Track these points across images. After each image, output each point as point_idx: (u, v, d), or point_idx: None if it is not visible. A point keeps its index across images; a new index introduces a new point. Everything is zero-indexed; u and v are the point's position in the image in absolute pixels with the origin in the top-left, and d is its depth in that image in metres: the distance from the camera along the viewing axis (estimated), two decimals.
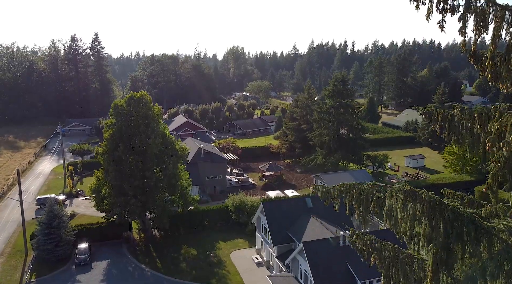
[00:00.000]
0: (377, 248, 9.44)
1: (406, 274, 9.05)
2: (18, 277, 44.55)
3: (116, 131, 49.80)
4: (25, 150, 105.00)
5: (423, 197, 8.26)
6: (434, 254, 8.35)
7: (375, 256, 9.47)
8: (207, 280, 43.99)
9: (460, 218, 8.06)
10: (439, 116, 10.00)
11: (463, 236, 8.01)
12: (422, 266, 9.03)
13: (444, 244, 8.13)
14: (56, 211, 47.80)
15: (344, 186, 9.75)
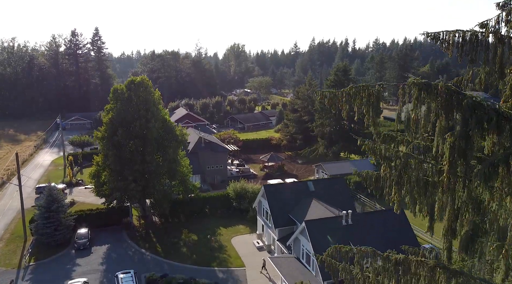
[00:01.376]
0: (388, 157, 8.95)
1: (419, 181, 8.57)
2: (17, 261, 44.12)
3: (116, 115, 49.30)
4: (25, 142, 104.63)
5: (439, 88, 7.74)
6: (451, 144, 7.85)
7: (385, 166, 8.98)
8: (208, 264, 43.52)
9: (480, 107, 7.56)
10: None
11: (483, 123, 7.50)
12: (436, 169, 8.54)
13: (462, 133, 7.63)
14: (55, 195, 47.35)
15: (353, 88, 9.25)
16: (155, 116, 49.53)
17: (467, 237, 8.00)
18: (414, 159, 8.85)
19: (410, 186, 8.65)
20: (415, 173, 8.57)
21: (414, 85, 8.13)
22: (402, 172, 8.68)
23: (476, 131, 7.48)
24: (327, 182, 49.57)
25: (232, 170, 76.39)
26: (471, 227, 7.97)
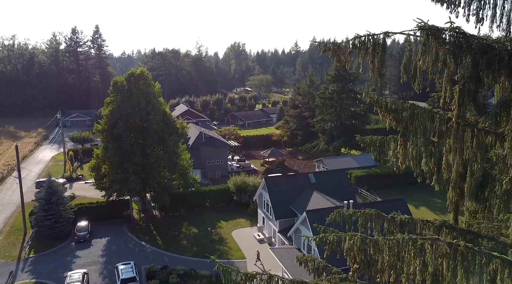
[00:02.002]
0: (394, 109, 8.69)
1: (426, 131, 8.30)
2: (16, 253, 43.92)
3: (116, 108, 49.16)
4: (25, 139, 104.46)
5: (448, 30, 7.47)
6: (460, 86, 7.58)
7: (391, 118, 8.73)
8: (209, 256, 43.27)
9: (491, 48, 7.29)
10: None
11: (494, 64, 7.25)
12: (444, 118, 8.27)
13: (472, 74, 7.36)
14: (55, 187, 47.15)
15: (357, 38, 9.01)
16: (155, 108, 49.36)
17: (477, 183, 7.75)
18: (421, 109, 8.60)
19: (416, 138, 8.40)
20: (422, 123, 8.32)
21: (422, 30, 7.89)
22: (409, 123, 8.45)
23: (486, 72, 7.22)
24: (328, 175, 49.37)
25: (233, 165, 76.18)
26: (480, 174, 7.71)
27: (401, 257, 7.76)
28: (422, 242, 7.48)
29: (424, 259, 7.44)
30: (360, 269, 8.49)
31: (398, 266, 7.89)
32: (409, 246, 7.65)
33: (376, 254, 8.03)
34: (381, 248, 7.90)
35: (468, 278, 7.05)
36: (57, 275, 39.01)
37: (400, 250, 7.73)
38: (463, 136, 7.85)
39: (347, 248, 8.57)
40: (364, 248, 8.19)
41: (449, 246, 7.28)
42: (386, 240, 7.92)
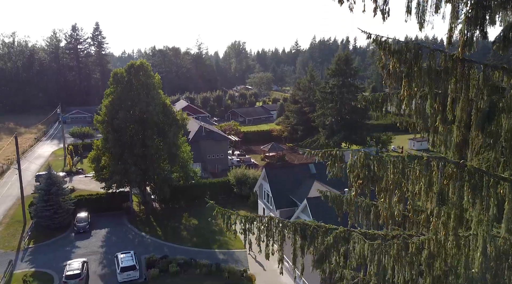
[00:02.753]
0: (397, 50, 8.47)
1: (430, 71, 8.07)
2: (16, 244, 43.77)
3: (116, 99, 49.00)
4: (25, 135, 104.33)
5: None
6: (467, 14, 7.36)
7: (395, 61, 8.52)
8: (209, 246, 43.15)
9: None
10: None
11: None
12: (450, 55, 8.06)
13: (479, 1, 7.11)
14: (55, 178, 47.01)
15: None
16: (155, 100, 49.21)
17: (484, 114, 7.50)
18: (426, 48, 8.40)
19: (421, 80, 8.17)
20: (427, 62, 8.11)
21: None
22: (413, 62, 8.24)
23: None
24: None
25: (233, 159, 76.02)
26: (487, 104, 7.48)
27: (406, 175, 7.58)
28: (428, 160, 7.29)
29: (430, 178, 7.27)
30: (363, 184, 8.31)
31: (403, 184, 7.73)
32: (415, 164, 7.48)
33: (380, 171, 7.86)
34: (385, 165, 7.72)
35: (475, 201, 6.87)
36: (57, 265, 38.85)
37: (404, 167, 7.56)
38: (469, 73, 7.66)
39: (350, 164, 8.40)
40: (367, 163, 8.01)
41: (456, 165, 7.09)
42: (390, 156, 7.75)
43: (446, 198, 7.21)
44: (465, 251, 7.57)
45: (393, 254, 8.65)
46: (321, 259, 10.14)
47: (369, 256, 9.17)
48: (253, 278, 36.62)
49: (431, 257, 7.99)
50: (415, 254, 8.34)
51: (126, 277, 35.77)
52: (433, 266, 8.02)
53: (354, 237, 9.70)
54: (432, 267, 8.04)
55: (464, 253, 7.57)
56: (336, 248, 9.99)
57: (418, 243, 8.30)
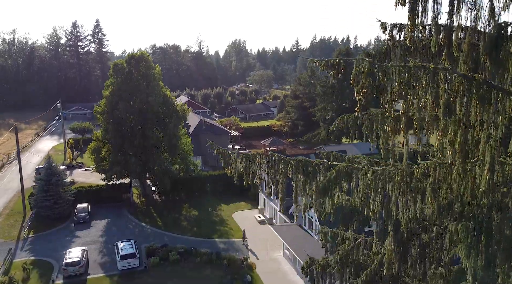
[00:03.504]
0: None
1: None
2: (16, 234, 43.62)
3: (116, 89, 48.86)
4: (25, 131, 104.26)
5: None
6: None
7: None
8: (209, 236, 43.00)
9: None
10: None
11: None
12: None
13: None
14: (55, 169, 46.88)
15: None
16: (155, 90, 49.08)
17: (492, 39, 7.09)
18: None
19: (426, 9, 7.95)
20: None
21: None
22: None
23: None
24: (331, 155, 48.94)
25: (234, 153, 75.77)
26: (496, 30, 7.21)
27: (412, 86, 7.38)
28: (435, 70, 7.07)
29: (437, 89, 7.07)
30: (367, 93, 8.14)
31: (409, 95, 7.54)
32: (421, 74, 7.27)
33: (385, 81, 7.66)
34: (390, 75, 7.51)
35: (483, 115, 6.71)
36: (56, 253, 38.72)
37: (410, 77, 7.35)
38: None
39: (354, 74, 8.22)
40: (372, 71, 7.81)
41: (464, 77, 6.90)
42: (396, 66, 7.54)
43: (453, 111, 7.03)
44: (471, 177, 7.44)
45: (398, 180, 8.50)
46: (324, 190, 9.98)
47: (373, 183, 9.04)
48: (253, 266, 36.47)
49: (437, 183, 7.86)
50: (420, 180, 8.20)
51: (126, 264, 35.64)
52: (439, 192, 7.88)
53: (357, 166, 9.58)
54: (438, 194, 7.91)
55: (470, 179, 7.44)
56: (339, 182, 9.87)
57: (424, 168, 8.14)
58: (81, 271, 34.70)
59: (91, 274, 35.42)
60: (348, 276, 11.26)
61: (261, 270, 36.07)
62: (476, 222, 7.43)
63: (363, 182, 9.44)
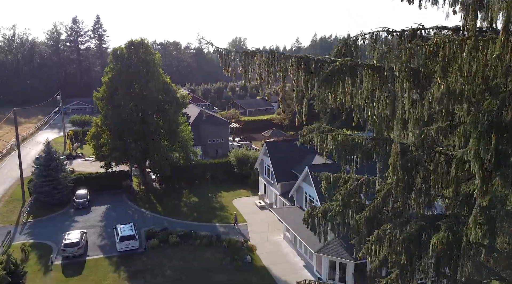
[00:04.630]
0: None
1: None
2: (15, 219, 43.37)
3: (116, 75, 48.63)
4: (25, 124, 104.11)
5: None
6: None
7: None
8: (209, 221, 42.72)
9: None
10: None
11: None
12: None
13: None
14: (54, 154, 46.66)
15: None
16: (155, 76, 48.81)
17: None
18: None
19: None
20: None
21: None
22: None
23: None
24: None
25: (234, 144, 75.63)
26: None
27: None
28: None
29: None
30: None
31: None
32: None
33: None
34: None
35: None
36: (55, 237, 38.41)
37: None
38: None
39: None
40: None
41: None
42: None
43: None
44: (483, 55, 7.06)
45: (405, 59, 8.15)
46: (327, 80, 9.67)
47: (377, 78, 8.72)
48: (254, 248, 36.17)
49: (447, 60, 7.51)
50: (429, 58, 7.83)
51: (125, 246, 35.37)
52: (448, 70, 7.53)
53: (362, 62, 9.25)
54: (447, 72, 7.56)
55: (482, 57, 7.06)
56: (343, 77, 9.56)
57: (433, 45, 7.79)
58: (80, 252, 34.43)
59: (90, 255, 35.15)
60: (350, 219, 10.98)
61: (261, 251, 35.78)
62: (486, 113, 7.07)
63: (367, 79, 9.17)
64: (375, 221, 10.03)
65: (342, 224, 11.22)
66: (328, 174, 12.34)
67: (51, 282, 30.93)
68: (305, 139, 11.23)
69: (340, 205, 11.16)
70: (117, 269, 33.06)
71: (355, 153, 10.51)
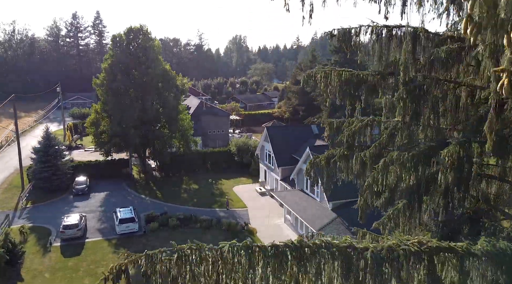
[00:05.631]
0: None
1: None
2: (13, 205, 43.07)
3: (115, 61, 48.30)
4: (25, 118, 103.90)
5: None
6: None
7: None
8: (209, 206, 42.40)
9: None
10: None
11: None
12: None
13: None
14: (53, 140, 46.40)
15: None
16: (155, 63, 48.47)
17: None
18: None
19: None
20: None
21: None
22: None
23: None
24: None
25: (234, 135, 75.32)
26: None
27: None
28: None
29: None
30: None
31: None
32: None
33: None
34: None
35: None
36: (55, 221, 38.03)
37: None
38: None
39: None
40: None
41: None
42: None
43: None
44: None
45: None
46: None
47: None
48: (254, 231, 35.87)
49: None
50: None
51: (125, 228, 35.07)
52: None
53: None
54: None
55: None
56: None
57: None
58: (79, 234, 34.13)
59: (89, 238, 34.85)
60: (354, 163, 10.64)
61: (262, 234, 35.44)
62: None
63: None
64: (380, 159, 9.67)
65: (346, 169, 10.88)
66: (331, 120, 12.00)
67: (50, 262, 30.63)
68: (308, 75, 10.85)
69: (344, 147, 10.85)
70: (116, 250, 32.74)
71: (359, 89, 10.18)
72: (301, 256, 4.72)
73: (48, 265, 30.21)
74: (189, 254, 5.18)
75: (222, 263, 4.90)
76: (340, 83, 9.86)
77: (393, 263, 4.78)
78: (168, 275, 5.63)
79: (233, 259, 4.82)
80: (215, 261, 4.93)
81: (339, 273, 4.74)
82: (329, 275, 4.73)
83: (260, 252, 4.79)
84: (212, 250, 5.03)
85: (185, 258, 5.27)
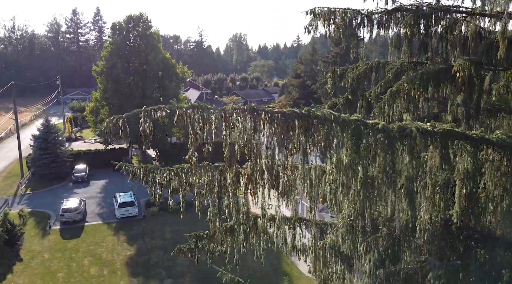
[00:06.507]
0: None
1: None
2: (13, 191, 42.83)
3: (115, 49, 48.11)
4: (24, 113, 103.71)
5: None
6: None
7: None
8: None
9: None
10: None
11: None
12: None
13: None
14: (52, 127, 46.23)
15: None
16: (154, 50, 48.28)
17: None
18: None
19: None
20: None
21: None
22: None
23: None
24: None
25: None
26: None
27: None
28: None
29: None
30: None
31: None
32: None
33: None
34: None
35: None
36: (54, 206, 37.79)
37: None
38: None
39: None
40: None
41: None
42: None
43: None
44: None
45: None
46: None
47: None
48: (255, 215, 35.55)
49: None
50: None
51: (124, 212, 34.87)
52: None
53: None
54: None
55: None
56: None
57: None
58: (78, 217, 33.91)
59: (88, 221, 34.62)
60: (359, 109, 10.39)
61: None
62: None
63: None
64: None
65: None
66: (335, 67, 11.73)
67: (49, 244, 30.42)
68: (312, 10, 10.58)
69: (348, 92, 10.59)
70: (116, 233, 32.58)
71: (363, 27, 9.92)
72: (309, 124, 4.49)
73: (48, 246, 29.99)
74: (191, 113, 4.93)
75: (225, 125, 4.67)
76: (344, 22, 9.58)
77: (404, 141, 4.54)
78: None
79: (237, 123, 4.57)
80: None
81: (349, 147, 4.51)
82: (338, 149, 4.50)
83: (266, 116, 4.55)
84: (216, 110, 4.79)
85: (186, 117, 5.12)
